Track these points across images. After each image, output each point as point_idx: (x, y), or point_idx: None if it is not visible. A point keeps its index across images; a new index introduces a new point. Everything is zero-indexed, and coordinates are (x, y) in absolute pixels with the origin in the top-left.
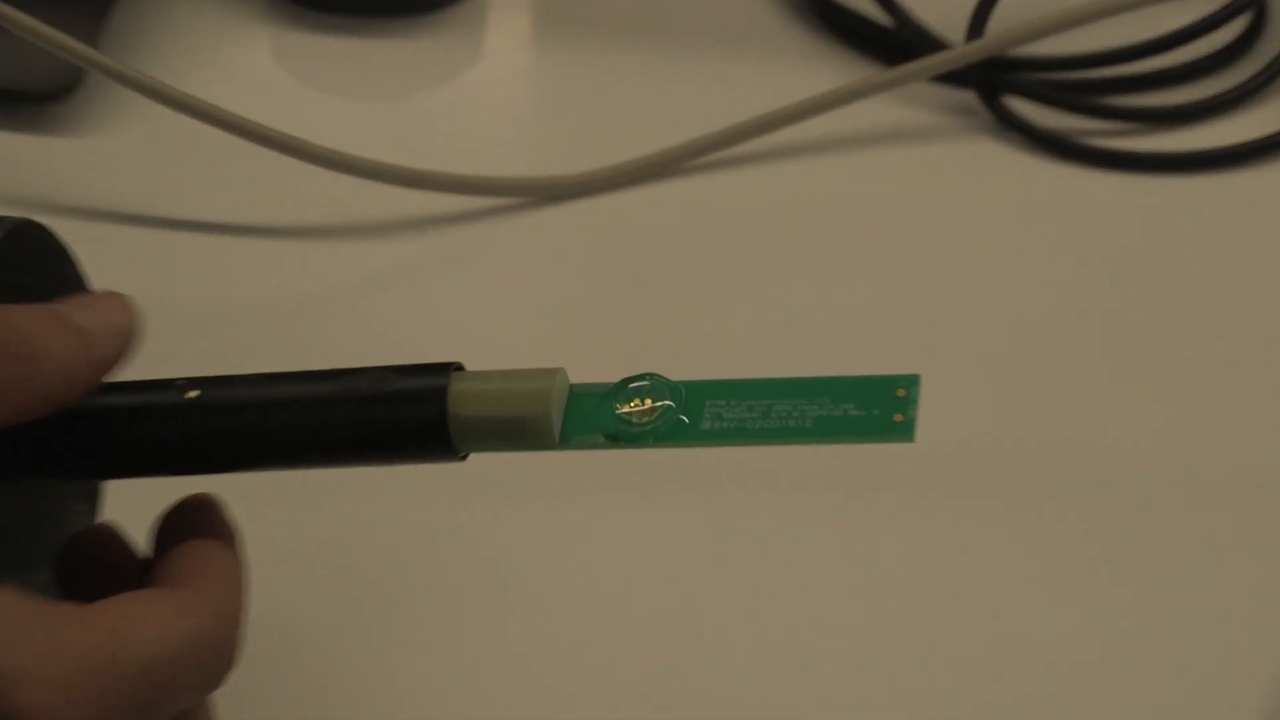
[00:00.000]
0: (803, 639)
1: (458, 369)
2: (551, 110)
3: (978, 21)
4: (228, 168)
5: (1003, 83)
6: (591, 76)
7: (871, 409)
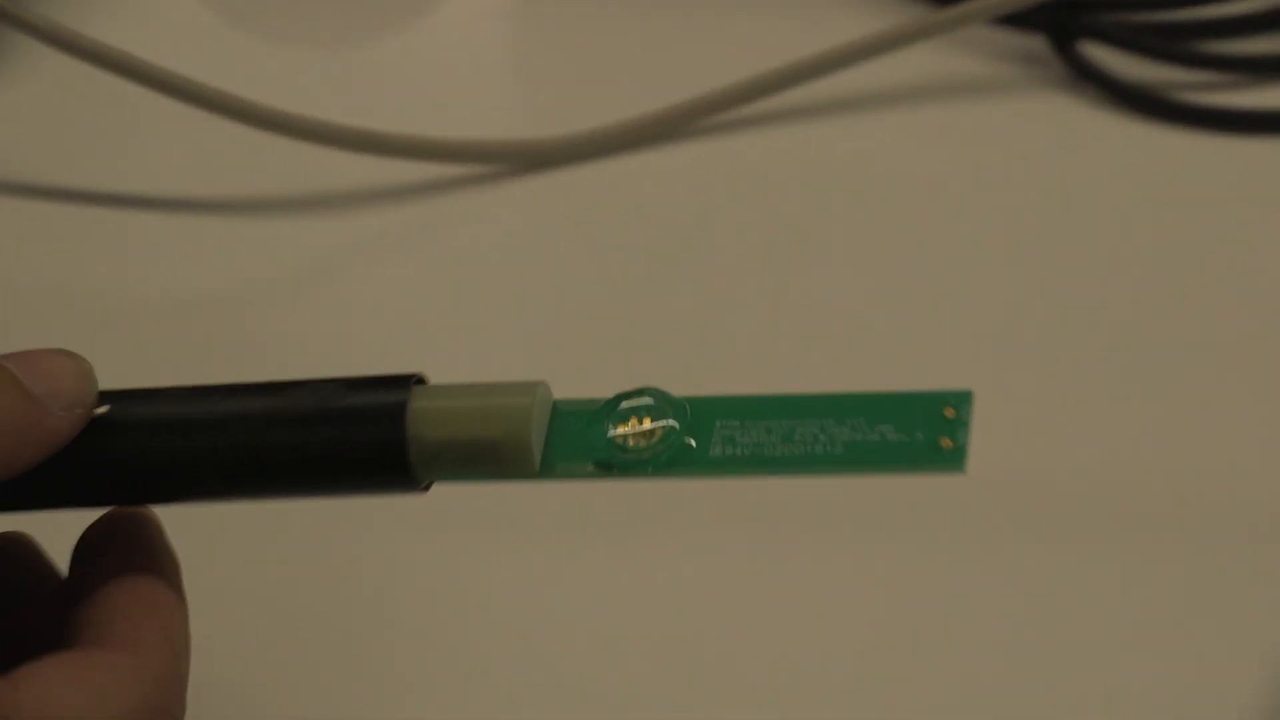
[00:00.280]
0: (823, 707)
1: (419, 382)
2: (533, 61)
3: None
4: (148, 130)
5: (1078, 25)
6: (581, 21)
7: (914, 432)
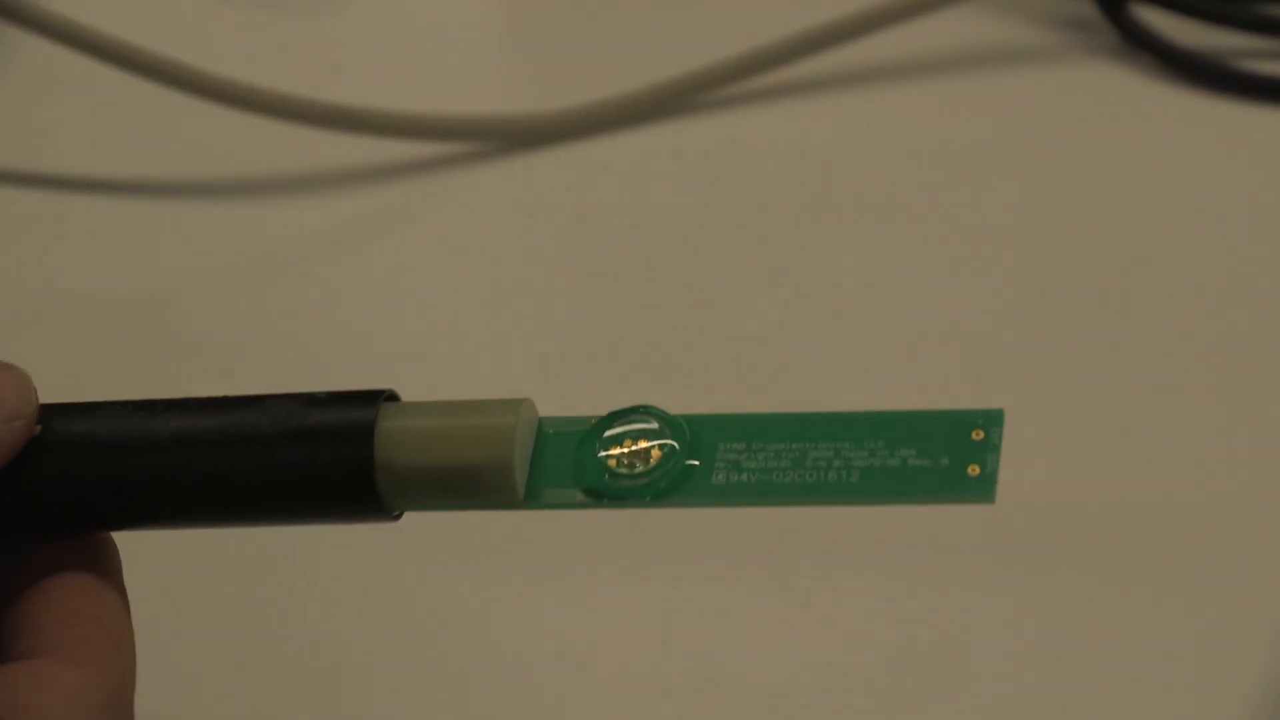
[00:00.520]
0: None
1: (389, 398)
2: (522, 28)
3: None
4: (94, 106)
5: None
6: None
7: (938, 457)
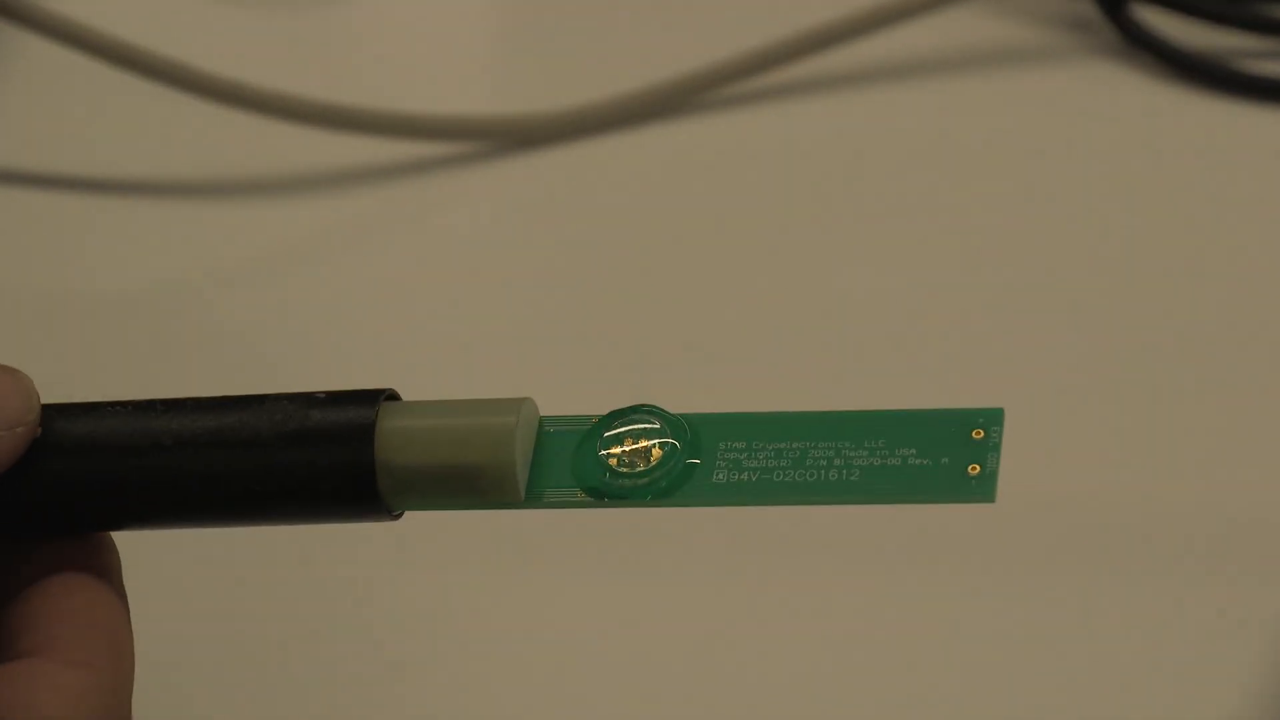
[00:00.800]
0: None
1: (390, 398)
2: (519, 27)
3: None
4: (98, 105)
5: None
6: None
7: (938, 456)
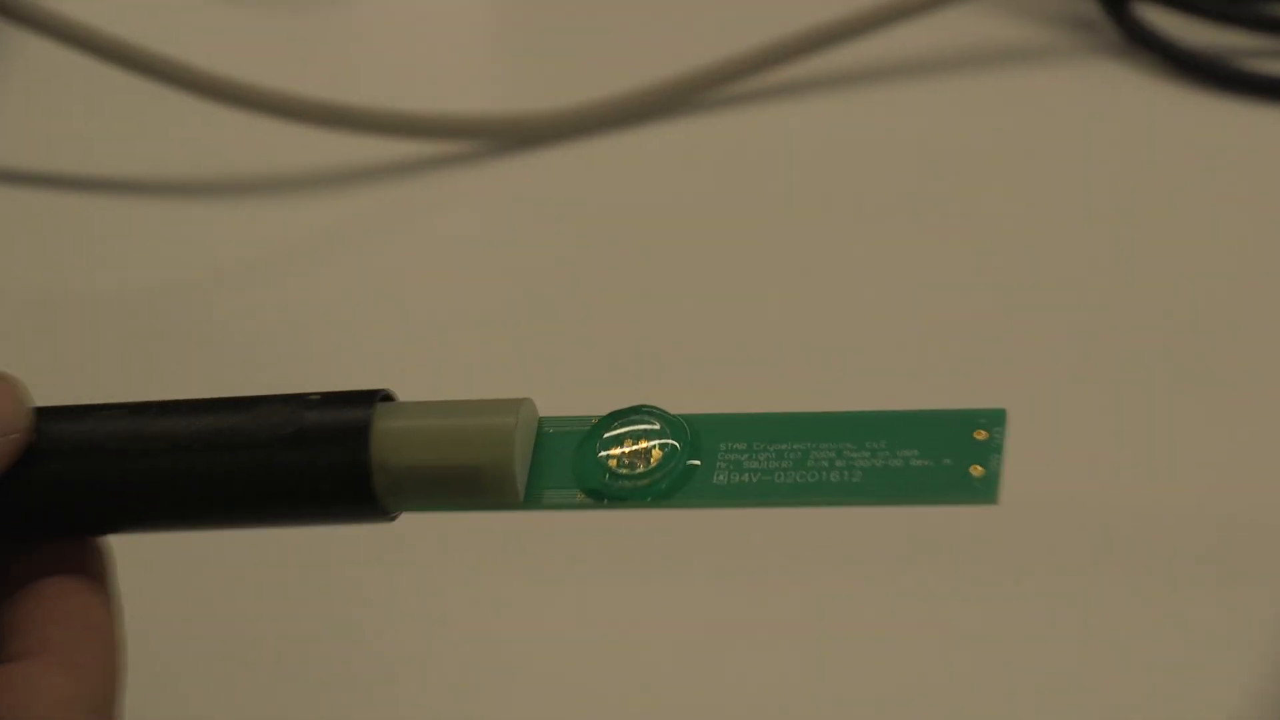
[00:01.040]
0: None
1: (385, 398)
2: (518, 24)
3: None
4: (95, 104)
5: None
6: None
7: (940, 457)
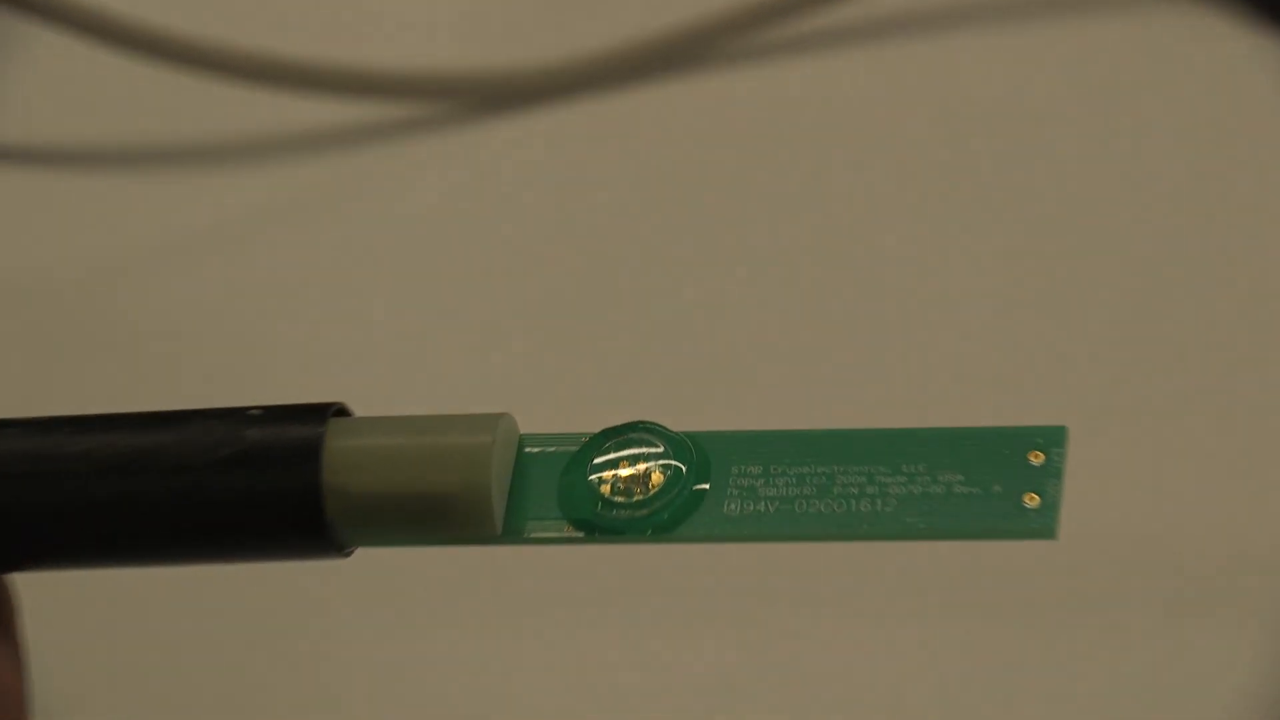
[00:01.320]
0: None
1: (339, 413)
2: None
3: None
4: (13, 62)
5: None
6: None
7: (989, 484)
